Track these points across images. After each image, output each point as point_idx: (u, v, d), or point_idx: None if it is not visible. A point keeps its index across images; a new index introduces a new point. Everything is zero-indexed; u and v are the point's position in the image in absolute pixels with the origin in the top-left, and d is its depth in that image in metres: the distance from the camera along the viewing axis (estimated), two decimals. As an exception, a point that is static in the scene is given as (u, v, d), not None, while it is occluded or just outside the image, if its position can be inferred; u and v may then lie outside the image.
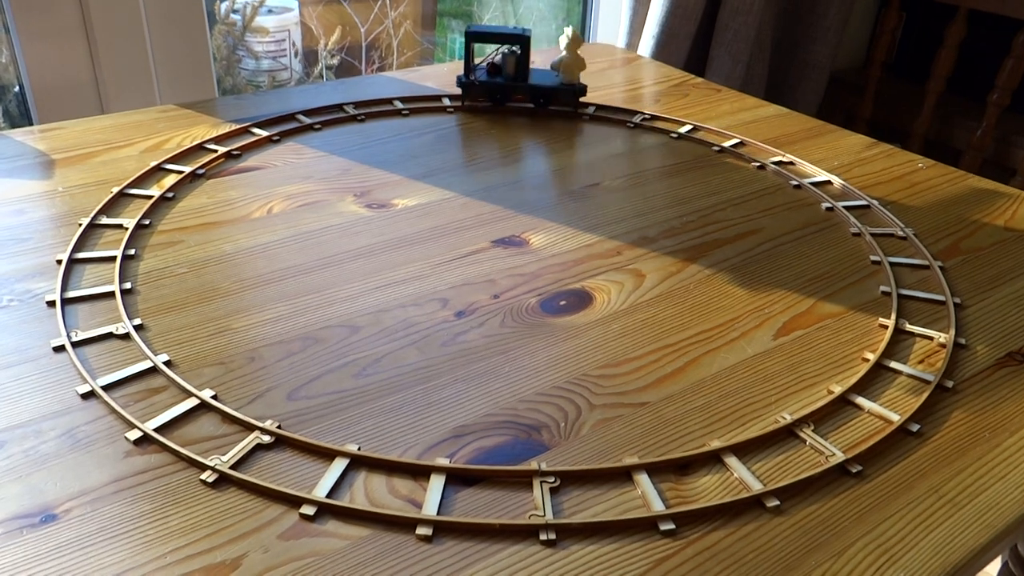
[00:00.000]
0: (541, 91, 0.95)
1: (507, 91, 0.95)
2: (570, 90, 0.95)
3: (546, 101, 0.96)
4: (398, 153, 0.85)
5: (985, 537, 0.45)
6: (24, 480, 0.45)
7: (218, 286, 0.62)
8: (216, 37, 1.68)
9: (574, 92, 0.95)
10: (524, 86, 0.94)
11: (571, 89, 0.95)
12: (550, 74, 0.97)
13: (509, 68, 0.93)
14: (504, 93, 0.95)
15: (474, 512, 0.45)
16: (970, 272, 0.70)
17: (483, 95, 0.95)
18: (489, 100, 0.95)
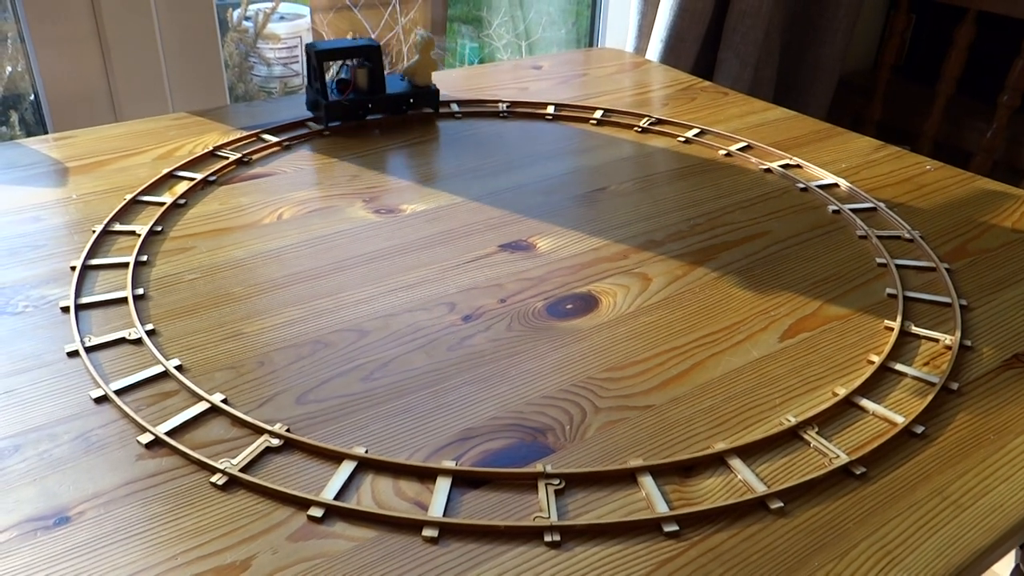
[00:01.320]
0: (402, 99, 0.92)
1: (364, 106, 0.91)
2: (430, 93, 0.94)
3: (407, 108, 0.93)
4: (406, 158, 0.85)
5: (989, 539, 0.45)
6: (39, 483, 0.46)
7: (229, 291, 0.63)
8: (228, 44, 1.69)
9: (434, 94, 0.94)
10: (383, 98, 0.91)
11: (430, 92, 0.94)
12: (400, 82, 0.94)
13: (362, 82, 0.90)
14: (363, 108, 0.91)
15: (480, 514, 0.46)
16: (977, 274, 0.70)
17: (340, 115, 0.90)
18: (348, 119, 0.91)
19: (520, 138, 0.92)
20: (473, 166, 0.85)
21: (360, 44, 0.88)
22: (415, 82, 0.94)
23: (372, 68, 0.89)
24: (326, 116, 0.89)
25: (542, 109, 0.98)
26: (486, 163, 0.86)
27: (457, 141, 0.90)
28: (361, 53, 0.89)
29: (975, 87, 1.59)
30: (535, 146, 0.90)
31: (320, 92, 0.88)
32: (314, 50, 0.86)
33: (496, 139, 0.91)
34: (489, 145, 0.90)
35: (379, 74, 0.89)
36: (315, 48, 0.86)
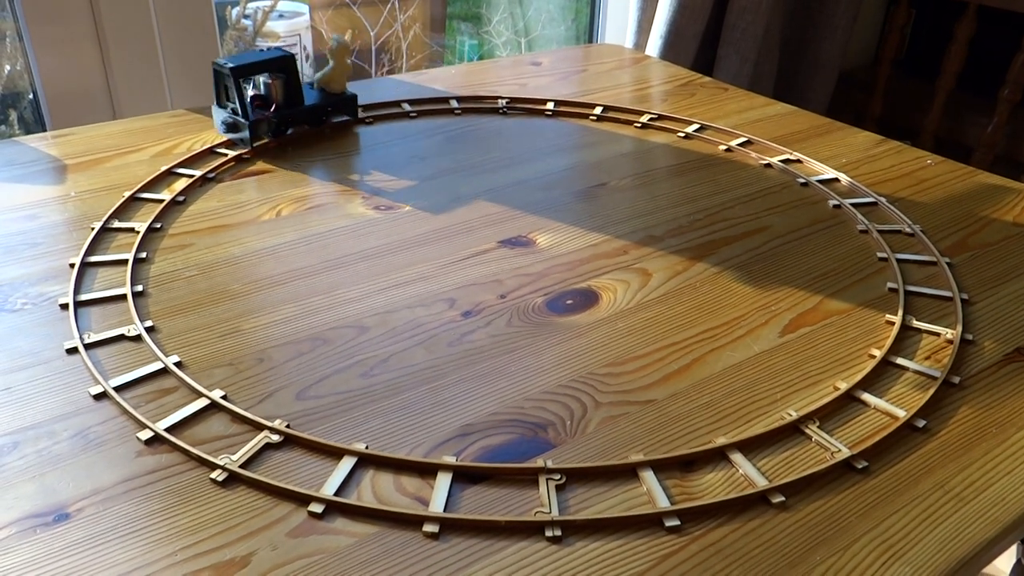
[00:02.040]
0: (322, 110, 0.88)
1: (286, 121, 0.85)
2: (347, 100, 0.89)
3: (328, 117, 0.89)
4: (406, 155, 0.85)
5: (991, 532, 0.45)
6: (38, 480, 0.46)
7: (228, 288, 0.63)
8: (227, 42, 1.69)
9: (352, 101, 0.90)
10: (302, 111, 0.86)
11: (347, 99, 0.89)
12: (314, 91, 0.90)
13: (278, 95, 0.84)
14: (285, 124, 0.85)
15: (480, 509, 0.45)
16: (978, 268, 0.70)
17: (265, 133, 0.84)
18: (271, 136, 0.85)
19: (520, 134, 0.92)
20: (472, 162, 0.85)
21: (275, 56, 0.82)
22: (330, 90, 0.89)
23: (288, 80, 0.84)
24: (252, 136, 0.82)
25: (542, 105, 0.98)
26: (485, 159, 0.85)
27: (456, 137, 0.90)
28: (276, 66, 0.83)
29: (976, 82, 1.58)
30: (535, 142, 0.90)
31: (240, 111, 0.81)
32: (228, 68, 0.79)
33: (496, 135, 0.91)
34: (488, 141, 0.90)
35: (296, 86, 0.85)
36: (229, 65, 0.80)
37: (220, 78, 0.82)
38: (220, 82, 0.82)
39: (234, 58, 0.81)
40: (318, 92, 0.89)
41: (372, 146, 0.87)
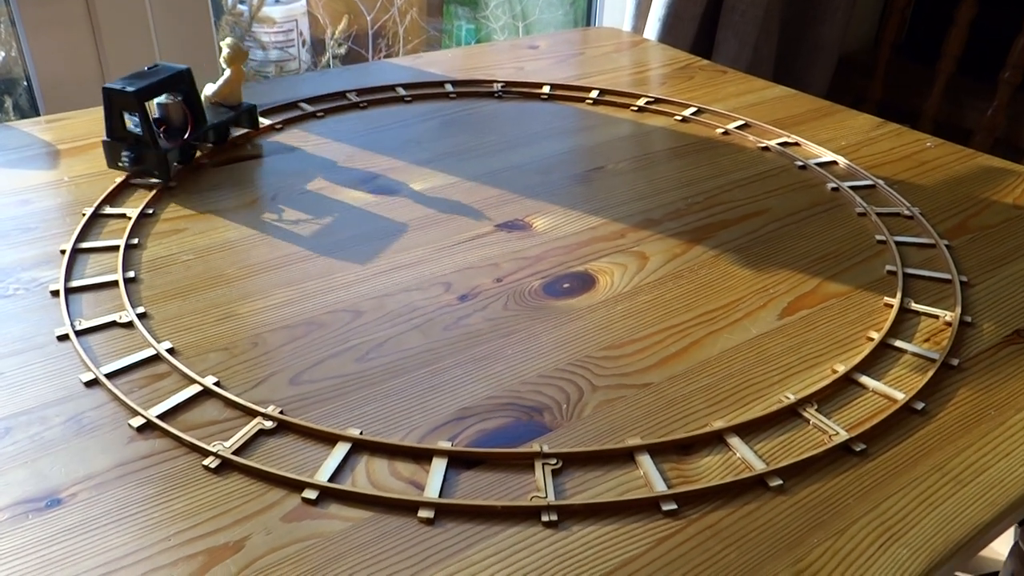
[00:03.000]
0: (226, 126, 0.80)
1: (191, 146, 0.76)
2: (248, 112, 0.80)
3: (228, 134, 0.80)
4: (402, 139, 0.85)
5: (989, 514, 0.45)
6: (30, 465, 0.45)
7: (221, 273, 0.62)
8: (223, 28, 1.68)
9: (251, 112, 0.81)
10: (210, 128, 0.77)
11: (248, 110, 0.80)
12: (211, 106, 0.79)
13: (176, 118, 0.74)
14: (190, 149, 0.76)
15: (476, 494, 0.45)
16: (978, 250, 0.69)
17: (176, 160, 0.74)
18: (181, 162, 0.75)
19: (516, 118, 0.91)
20: (469, 146, 0.84)
21: (172, 72, 0.72)
22: (228, 103, 0.79)
23: (188, 97, 0.74)
24: (168, 167, 0.72)
25: (538, 89, 0.97)
26: (481, 143, 0.85)
27: (453, 122, 0.89)
28: (176, 83, 0.73)
29: (976, 65, 1.57)
30: (531, 126, 0.89)
31: (149, 140, 0.71)
32: (130, 91, 0.68)
33: (491, 119, 0.90)
34: (484, 125, 0.89)
35: (197, 103, 0.75)
36: (130, 88, 0.69)
37: (116, 105, 0.70)
38: (115, 110, 0.70)
39: (127, 80, 0.70)
40: (212, 108, 0.79)
41: (367, 130, 0.86)
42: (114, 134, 0.72)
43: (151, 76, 0.72)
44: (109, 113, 0.71)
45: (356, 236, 0.68)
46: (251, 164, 0.78)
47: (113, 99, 0.70)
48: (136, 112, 0.70)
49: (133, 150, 0.72)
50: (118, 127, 0.71)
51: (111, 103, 0.70)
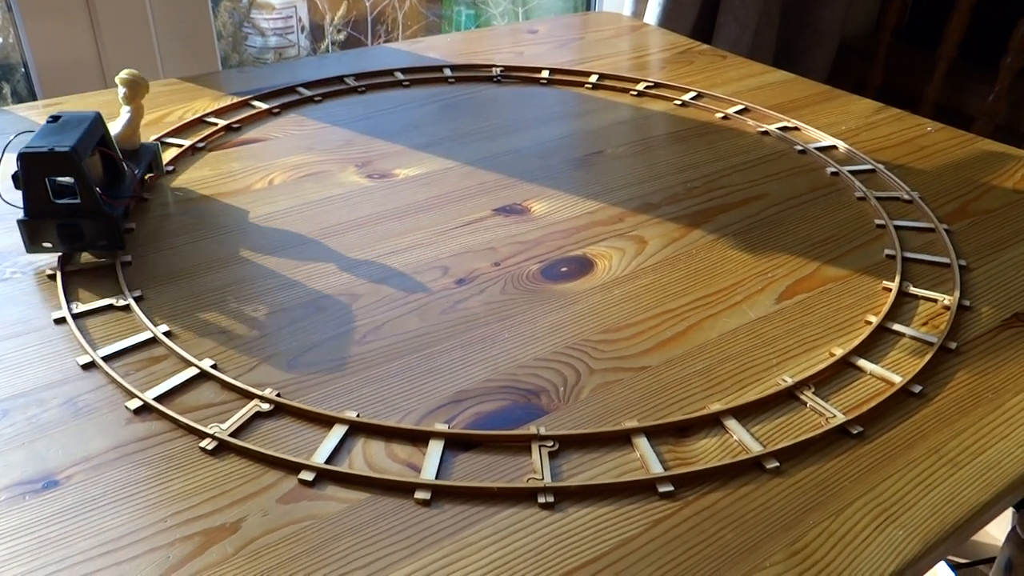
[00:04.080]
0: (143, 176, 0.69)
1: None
2: (151, 151, 0.69)
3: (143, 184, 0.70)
4: (400, 124, 0.84)
5: (986, 496, 0.45)
6: (27, 447, 0.45)
7: (218, 257, 0.62)
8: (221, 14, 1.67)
9: (156, 151, 0.70)
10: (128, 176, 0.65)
11: (151, 150, 0.69)
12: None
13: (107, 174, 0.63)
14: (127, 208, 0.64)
15: (472, 476, 0.45)
16: (977, 235, 0.69)
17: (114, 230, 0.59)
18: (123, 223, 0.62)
19: (515, 103, 0.91)
20: (467, 131, 0.84)
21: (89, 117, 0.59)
22: (129, 148, 0.68)
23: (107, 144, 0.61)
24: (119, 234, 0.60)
25: (537, 74, 0.97)
26: (480, 127, 0.84)
27: (451, 106, 0.89)
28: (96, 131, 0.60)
29: (978, 50, 1.57)
30: (530, 110, 0.89)
31: (93, 206, 0.58)
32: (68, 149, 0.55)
33: (490, 104, 0.90)
34: (483, 110, 0.89)
35: (115, 150, 0.63)
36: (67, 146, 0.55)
37: (39, 172, 0.56)
38: (36, 179, 0.56)
39: (45, 139, 0.56)
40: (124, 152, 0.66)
41: (365, 115, 0.86)
42: (33, 211, 0.57)
43: (71, 128, 0.58)
44: (28, 185, 0.56)
45: (354, 220, 0.67)
46: (248, 149, 0.78)
47: (37, 165, 0.55)
48: (73, 175, 0.56)
49: (67, 225, 0.58)
50: (42, 200, 0.57)
51: (31, 172, 0.56)
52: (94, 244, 0.60)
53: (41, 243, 0.59)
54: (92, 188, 0.57)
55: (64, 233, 0.58)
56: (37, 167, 0.56)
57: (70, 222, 0.58)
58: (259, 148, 0.78)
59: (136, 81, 0.68)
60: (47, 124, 0.58)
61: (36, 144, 0.56)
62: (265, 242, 0.64)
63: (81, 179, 0.57)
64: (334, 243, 0.64)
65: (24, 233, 0.58)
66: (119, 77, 0.67)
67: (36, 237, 0.59)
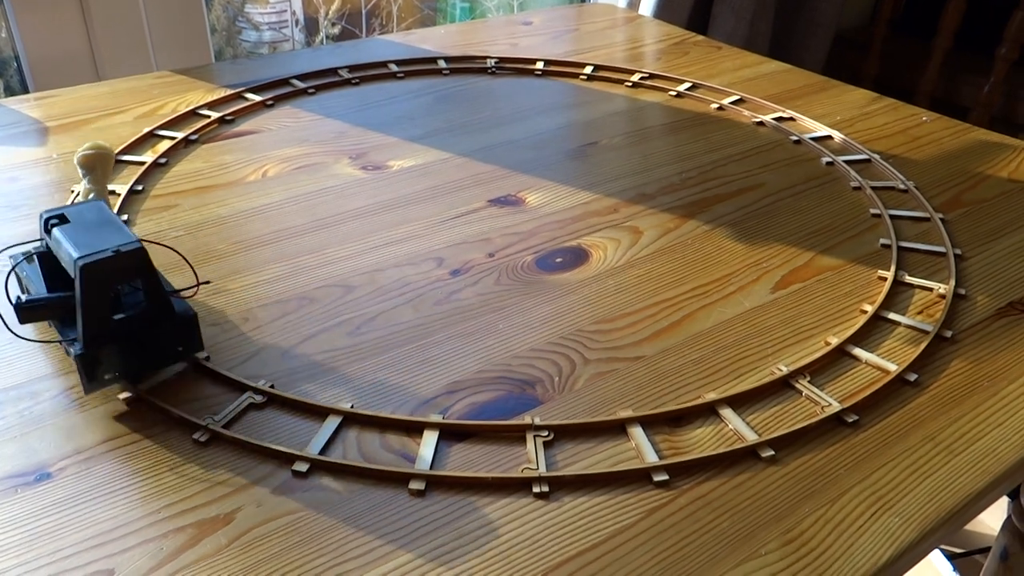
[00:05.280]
0: None
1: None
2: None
3: None
4: (394, 115, 0.84)
5: (981, 483, 0.44)
6: (19, 440, 0.45)
7: (212, 249, 0.62)
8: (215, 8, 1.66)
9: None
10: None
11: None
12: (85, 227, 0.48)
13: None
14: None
15: (467, 466, 0.45)
16: (972, 224, 0.69)
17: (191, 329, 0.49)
18: None
19: (509, 94, 0.90)
20: (462, 122, 0.83)
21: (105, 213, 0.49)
22: None
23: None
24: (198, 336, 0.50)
25: (531, 65, 0.97)
26: (475, 119, 0.84)
27: (445, 98, 0.89)
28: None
29: (973, 41, 1.57)
30: (525, 102, 0.89)
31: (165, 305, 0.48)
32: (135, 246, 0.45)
33: (485, 95, 0.90)
34: (478, 101, 0.88)
35: None
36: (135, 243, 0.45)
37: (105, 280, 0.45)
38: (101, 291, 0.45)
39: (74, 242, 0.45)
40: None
41: (359, 107, 0.85)
42: (99, 335, 0.45)
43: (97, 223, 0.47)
44: (89, 305, 0.45)
45: (348, 212, 0.67)
46: (241, 141, 0.78)
47: (102, 276, 0.45)
48: (144, 275, 0.46)
49: (136, 342, 0.47)
50: (103, 320, 0.46)
51: (93, 287, 0.44)
52: (169, 355, 0.49)
53: (104, 376, 0.47)
54: (163, 287, 0.48)
55: (132, 353, 0.47)
56: (101, 279, 0.45)
57: (140, 337, 0.47)
58: (252, 140, 0.78)
59: (104, 155, 0.55)
60: (61, 229, 0.47)
61: (90, 251, 0.44)
62: (259, 234, 0.64)
63: (153, 278, 0.47)
64: (328, 235, 0.64)
65: (85, 370, 0.46)
66: (81, 156, 0.54)
67: (97, 370, 0.46)
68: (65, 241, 0.46)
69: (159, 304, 0.47)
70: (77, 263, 0.44)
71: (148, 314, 0.47)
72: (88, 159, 0.54)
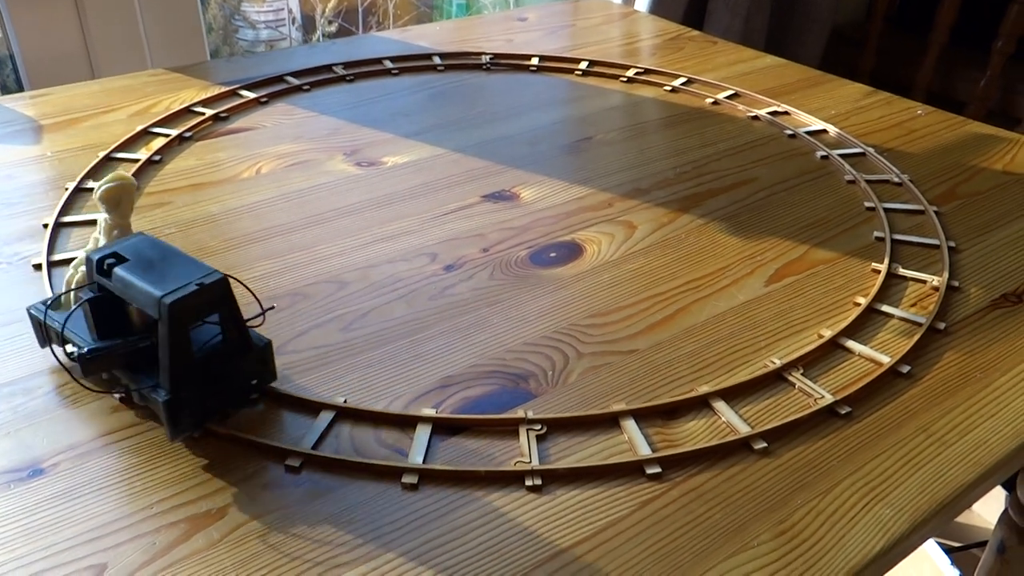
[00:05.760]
0: None
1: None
2: None
3: None
4: (388, 112, 0.84)
5: (973, 474, 0.45)
6: (12, 436, 0.45)
7: (206, 245, 0.62)
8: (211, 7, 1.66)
9: None
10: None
11: None
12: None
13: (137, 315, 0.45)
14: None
15: (460, 460, 0.45)
16: (966, 216, 0.69)
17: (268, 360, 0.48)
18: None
19: (504, 90, 0.90)
20: (456, 118, 0.83)
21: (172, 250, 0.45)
22: None
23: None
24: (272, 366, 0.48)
25: (526, 61, 0.97)
26: (469, 115, 0.84)
27: (440, 94, 0.89)
28: None
29: (969, 36, 1.56)
30: (520, 97, 0.89)
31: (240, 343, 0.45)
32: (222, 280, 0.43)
33: (480, 91, 0.90)
34: (472, 97, 0.88)
35: None
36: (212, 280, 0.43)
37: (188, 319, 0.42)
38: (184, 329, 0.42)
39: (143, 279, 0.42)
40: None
41: (354, 103, 0.85)
42: (184, 377, 0.43)
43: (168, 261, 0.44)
44: (176, 346, 0.42)
45: (341, 208, 0.67)
46: (235, 138, 0.78)
47: (187, 314, 0.42)
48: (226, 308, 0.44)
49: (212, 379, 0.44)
50: (187, 359, 0.43)
51: (179, 326, 0.42)
52: (246, 388, 0.47)
53: (187, 421, 0.44)
54: (242, 317, 0.45)
55: (212, 392, 0.44)
56: (187, 315, 0.42)
57: (220, 373, 0.44)
58: (247, 137, 0.78)
59: (128, 186, 0.48)
60: (124, 269, 0.43)
61: (172, 288, 0.41)
62: (252, 231, 0.64)
63: (235, 308, 0.44)
64: (322, 231, 0.64)
65: (171, 417, 0.43)
66: (104, 191, 0.48)
67: (182, 414, 0.43)
68: (137, 280, 0.42)
69: (239, 336, 0.45)
70: (163, 302, 0.41)
71: (228, 348, 0.44)
72: (112, 192, 0.48)
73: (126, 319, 0.45)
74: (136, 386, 0.44)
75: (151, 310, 0.42)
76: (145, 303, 0.42)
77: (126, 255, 0.44)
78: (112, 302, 0.44)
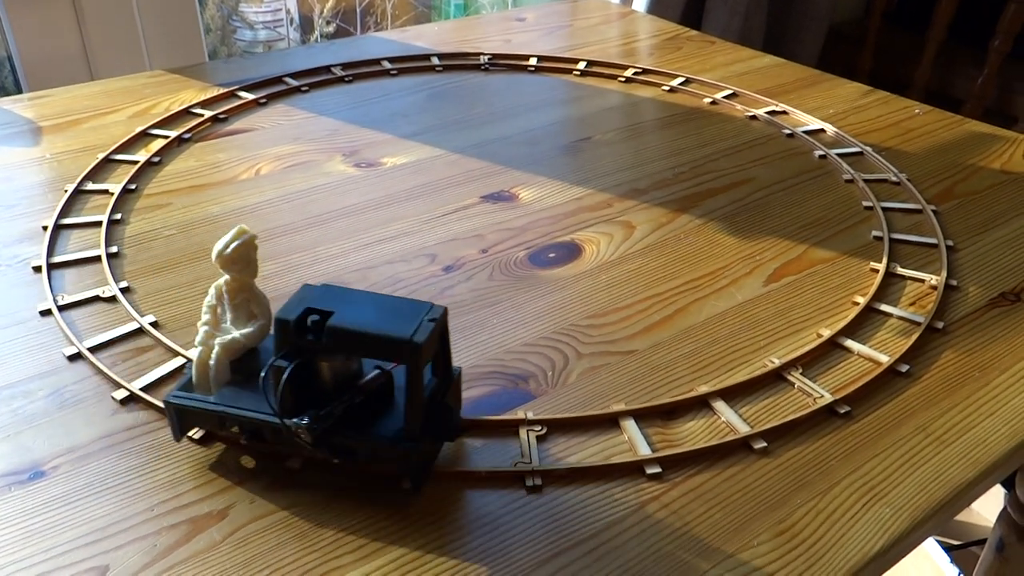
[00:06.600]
0: None
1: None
2: None
3: None
4: (387, 112, 0.84)
5: (972, 473, 0.45)
6: (13, 439, 0.45)
7: (205, 247, 0.62)
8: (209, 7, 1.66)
9: None
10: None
11: None
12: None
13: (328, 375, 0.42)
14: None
15: (460, 461, 0.45)
16: (964, 215, 0.69)
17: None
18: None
19: (502, 90, 0.90)
20: (455, 119, 0.83)
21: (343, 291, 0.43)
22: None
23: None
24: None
25: (524, 61, 0.97)
26: (468, 115, 0.84)
27: (438, 94, 0.89)
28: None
29: (967, 34, 1.57)
30: (518, 98, 0.89)
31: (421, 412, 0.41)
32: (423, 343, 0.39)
33: (478, 91, 0.90)
34: (471, 98, 0.88)
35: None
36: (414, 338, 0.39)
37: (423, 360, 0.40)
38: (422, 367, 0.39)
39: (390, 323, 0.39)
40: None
41: (352, 104, 0.85)
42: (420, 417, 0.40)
43: (372, 304, 0.41)
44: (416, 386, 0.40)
45: (340, 209, 0.67)
46: (234, 139, 0.78)
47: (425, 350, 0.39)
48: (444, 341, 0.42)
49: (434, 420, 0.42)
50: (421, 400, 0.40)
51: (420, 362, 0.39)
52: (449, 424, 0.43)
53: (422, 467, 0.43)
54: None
55: (433, 432, 0.42)
56: (426, 355, 0.39)
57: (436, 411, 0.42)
58: (245, 138, 0.78)
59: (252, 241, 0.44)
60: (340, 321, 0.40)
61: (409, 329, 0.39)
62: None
63: (420, 372, 0.40)
64: (321, 232, 0.64)
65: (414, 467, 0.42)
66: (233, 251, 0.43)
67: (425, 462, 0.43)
68: (366, 329, 0.39)
69: (446, 368, 0.43)
70: (412, 342, 0.38)
71: (441, 385, 0.42)
72: (240, 251, 0.43)
73: (317, 380, 0.42)
74: (368, 442, 0.41)
75: (389, 355, 0.40)
76: (381, 351, 0.39)
77: (330, 308, 0.40)
78: (304, 365, 0.41)
